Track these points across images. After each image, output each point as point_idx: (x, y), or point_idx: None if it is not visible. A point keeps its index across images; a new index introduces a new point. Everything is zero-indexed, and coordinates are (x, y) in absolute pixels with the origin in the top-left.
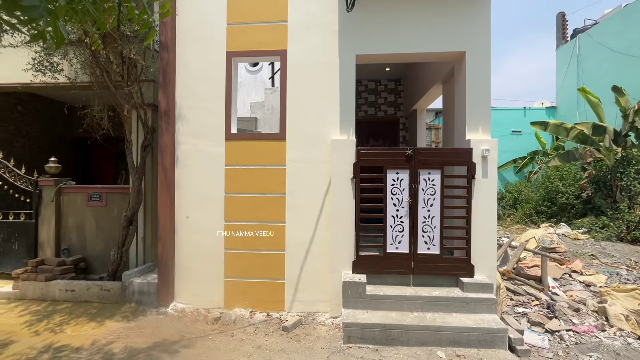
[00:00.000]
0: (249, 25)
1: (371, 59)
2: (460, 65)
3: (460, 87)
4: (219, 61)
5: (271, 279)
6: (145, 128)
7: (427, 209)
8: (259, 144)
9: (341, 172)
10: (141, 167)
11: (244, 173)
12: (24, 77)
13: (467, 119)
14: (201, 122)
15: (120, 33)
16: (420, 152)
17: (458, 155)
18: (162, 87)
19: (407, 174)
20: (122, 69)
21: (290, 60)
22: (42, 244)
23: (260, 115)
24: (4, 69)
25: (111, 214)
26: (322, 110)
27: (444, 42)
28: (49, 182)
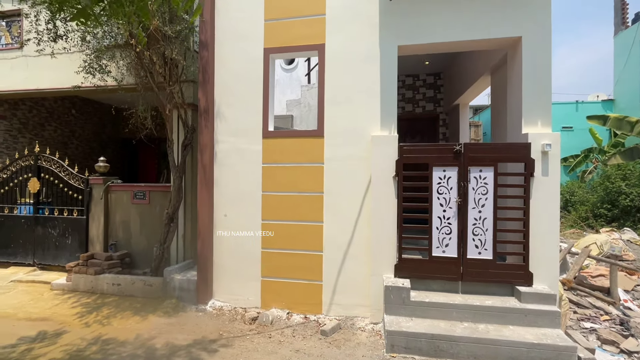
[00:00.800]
0: (286, 20)
1: (414, 50)
2: (515, 53)
3: (514, 76)
4: (257, 58)
5: (308, 280)
6: (186, 127)
7: (478, 210)
8: (296, 142)
9: (382, 170)
10: (181, 166)
11: (281, 171)
12: (76, 82)
13: (523, 112)
14: (239, 120)
15: (163, 34)
16: (471, 147)
17: (514, 150)
18: (202, 85)
19: (456, 172)
20: (165, 70)
21: (329, 54)
22: (92, 239)
23: (297, 112)
24: (60, 75)
25: (154, 211)
26: (362, 105)
27: (496, 27)
28: (99, 181)
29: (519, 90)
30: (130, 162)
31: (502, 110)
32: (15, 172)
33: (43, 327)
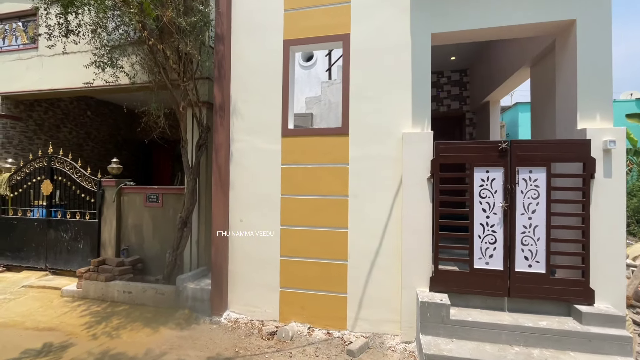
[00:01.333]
0: (307, 9)
1: (449, 38)
2: (566, 39)
3: (565, 66)
4: (276, 51)
5: (331, 292)
6: (200, 127)
7: (528, 217)
8: (318, 140)
9: (415, 171)
10: (196, 167)
11: (301, 172)
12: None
13: (579, 105)
14: (256, 118)
15: (177, 26)
16: (519, 145)
17: (571, 148)
18: (217, 80)
19: (501, 173)
20: (179, 66)
21: (354, 45)
22: (104, 243)
23: (317, 110)
24: (73, 75)
25: (167, 215)
26: (391, 100)
27: (545, 9)
28: (111, 183)
29: (573, 81)
30: (145, 164)
31: (546, 106)
32: (28, 173)
33: (49, 339)
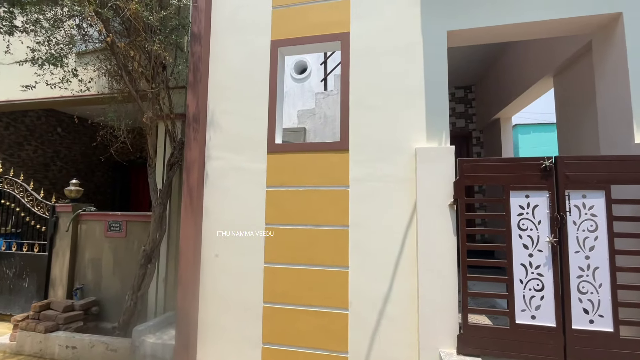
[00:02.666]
0: (299, 6)
1: (469, 38)
2: (608, 38)
3: (609, 70)
4: (262, 53)
5: (328, 351)
6: (174, 142)
7: (585, 255)
8: (312, 158)
9: (433, 195)
10: (166, 190)
11: (291, 197)
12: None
13: (634, 114)
14: (237, 131)
15: (144, 23)
16: (567, 163)
17: (634, 165)
18: (192, 87)
19: (545, 198)
20: (149, 69)
21: (354, 45)
22: (54, 281)
23: (310, 125)
24: None
25: (131, 247)
26: (400, 110)
27: (583, 2)
28: (67, 209)
29: (623, 87)
30: (122, 187)
31: (581, 119)
32: None
33: None
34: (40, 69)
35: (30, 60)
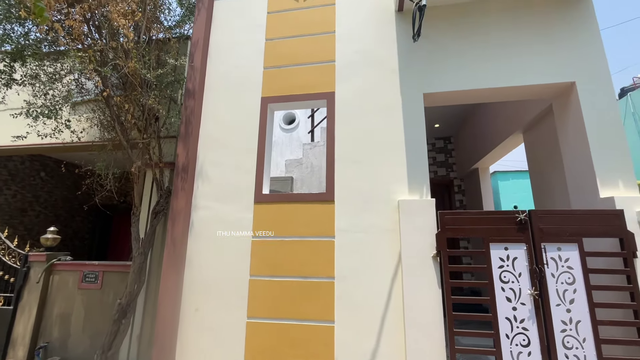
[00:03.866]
0: (289, 67)
1: (442, 99)
2: (565, 102)
3: (569, 130)
4: (252, 108)
5: None
6: (160, 190)
7: (566, 308)
8: (299, 208)
9: (415, 246)
10: (148, 239)
11: (276, 247)
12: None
13: (596, 170)
14: (225, 181)
15: (141, 79)
16: (541, 216)
17: (603, 220)
18: (183, 138)
19: (523, 250)
20: (143, 121)
21: (339, 104)
22: (15, 340)
23: (297, 174)
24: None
25: (106, 300)
26: (383, 163)
27: (542, 72)
28: (41, 258)
29: (583, 146)
30: (102, 233)
31: (551, 173)
32: None
33: None
34: (34, 121)
35: (25, 112)
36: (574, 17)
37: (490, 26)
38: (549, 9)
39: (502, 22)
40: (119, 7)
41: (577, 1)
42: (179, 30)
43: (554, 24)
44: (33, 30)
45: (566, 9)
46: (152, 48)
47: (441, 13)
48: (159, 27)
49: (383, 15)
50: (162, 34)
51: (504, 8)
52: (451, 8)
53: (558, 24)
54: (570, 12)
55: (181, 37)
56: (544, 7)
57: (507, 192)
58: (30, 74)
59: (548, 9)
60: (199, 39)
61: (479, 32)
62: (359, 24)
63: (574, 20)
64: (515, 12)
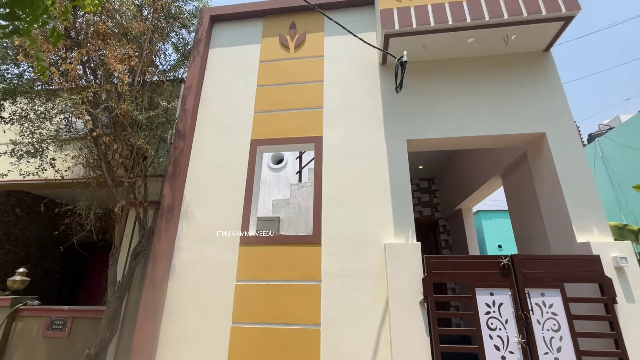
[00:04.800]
0: (279, 112)
1: (425, 145)
2: (538, 151)
3: (544, 177)
4: (242, 150)
5: None
6: (142, 230)
7: (554, 357)
8: (285, 251)
9: (402, 291)
10: (126, 282)
11: (261, 292)
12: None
13: (572, 217)
14: (211, 222)
15: (132, 120)
16: (523, 260)
17: (580, 265)
18: (170, 178)
19: (509, 296)
20: (131, 160)
21: (327, 148)
22: None
23: (284, 214)
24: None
25: (72, 349)
26: (369, 206)
27: (516, 123)
28: (5, 302)
29: (557, 192)
30: (75, 273)
31: (529, 216)
32: None
33: None
34: (18, 160)
35: (10, 152)
36: (540, 74)
37: (466, 80)
38: (517, 66)
39: (476, 77)
40: (117, 52)
41: (542, 61)
42: (173, 73)
43: (523, 79)
44: (28, 72)
45: (532, 67)
46: (145, 90)
47: (421, 67)
48: (154, 71)
49: (368, 67)
50: (157, 77)
51: (477, 64)
52: (430, 63)
53: (527, 79)
54: (536, 70)
55: (175, 80)
56: (513, 64)
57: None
58: (20, 113)
59: (516, 66)
60: (193, 83)
61: (456, 85)
62: (346, 74)
63: (539, 76)
64: (488, 68)
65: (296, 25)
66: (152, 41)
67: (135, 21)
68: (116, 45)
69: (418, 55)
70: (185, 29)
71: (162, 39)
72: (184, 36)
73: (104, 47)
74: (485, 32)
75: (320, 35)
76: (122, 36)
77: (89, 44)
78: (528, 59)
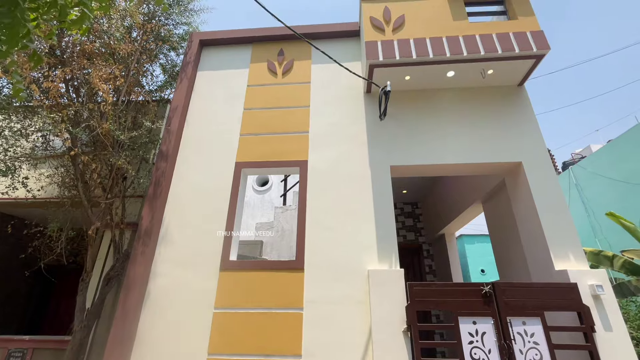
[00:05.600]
0: (265, 135)
1: (408, 171)
2: (516, 179)
3: (521, 204)
4: (226, 172)
5: None
6: (117, 254)
7: None
8: (266, 276)
9: (385, 320)
10: (95, 309)
11: (240, 320)
12: None
13: (549, 245)
14: (191, 246)
15: (114, 140)
16: (504, 288)
17: (559, 293)
18: (150, 200)
19: (491, 325)
20: (108, 180)
21: (312, 172)
22: None
23: (268, 238)
24: None
25: None
26: (353, 232)
27: (494, 152)
28: None
29: (535, 220)
30: (42, 299)
31: (509, 241)
32: None
33: None
34: None
35: None
36: (515, 106)
37: (447, 110)
38: (494, 99)
39: (456, 107)
40: (102, 72)
41: (517, 94)
42: (159, 94)
43: (499, 111)
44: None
45: (508, 100)
46: (130, 109)
47: (405, 97)
48: (140, 91)
49: (354, 95)
50: (142, 97)
51: (457, 96)
52: (414, 93)
53: (503, 111)
54: (512, 103)
55: (161, 101)
56: (490, 97)
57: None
58: None
59: (493, 98)
60: (179, 105)
61: (438, 114)
62: (332, 100)
63: (515, 109)
64: (468, 99)
65: (284, 52)
66: (140, 62)
67: (124, 42)
68: (102, 64)
69: (402, 85)
70: (174, 51)
71: (150, 60)
72: (173, 58)
73: (90, 66)
74: (464, 66)
75: (308, 63)
76: (110, 56)
77: (74, 63)
78: (504, 93)
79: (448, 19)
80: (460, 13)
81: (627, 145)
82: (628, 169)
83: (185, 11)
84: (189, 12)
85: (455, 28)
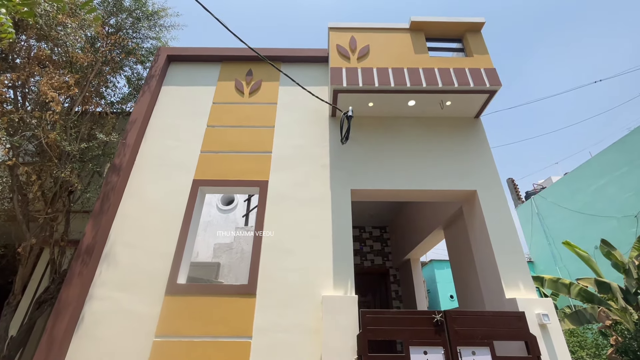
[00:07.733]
0: (226, 153)
1: (368, 195)
2: (472, 207)
3: (477, 232)
4: (182, 190)
5: None
6: (54, 274)
7: None
8: (215, 302)
9: (337, 350)
10: (21, 337)
11: (182, 350)
12: None
13: (501, 273)
14: (137, 267)
15: (61, 150)
16: (454, 316)
17: (507, 321)
18: (95, 215)
19: (441, 355)
20: (51, 193)
21: (272, 193)
22: None
23: (226, 260)
24: None
25: None
26: (309, 255)
27: (450, 180)
28: None
29: (489, 247)
30: None
31: (468, 268)
32: None
33: None
34: None
35: None
36: (471, 137)
37: (407, 137)
38: (452, 129)
39: (416, 135)
40: (53, 80)
41: (473, 126)
42: (121, 106)
43: (456, 141)
44: None
45: (465, 131)
46: (85, 120)
47: (368, 122)
48: (99, 102)
49: (319, 118)
50: (101, 108)
51: (417, 124)
52: (376, 119)
53: (460, 141)
54: (468, 134)
55: (121, 113)
56: (448, 127)
57: (443, 281)
58: None
59: (451, 129)
60: (138, 118)
61: (399, 141)
62: (297, 122)
63: (471, 140)
64: (427, 128)
65: (253, 72)
66: (102, 73)
67: (84, 52)
68: (54, 72)
69: (365, 111)
70: (141, 64)
71: (114, 72)
72: (139, 71)
73: (42, 74)
74: (424, 97)
75: (276, 85)
76: (68, 65)
77: (27, 69)
78: (461, 124)
79: (410, 52)
80: (422, 47)
81: (581, 178)
82: (582, 200)
83: (155, 26)
84: (159, 28)
85: (416, 61)
